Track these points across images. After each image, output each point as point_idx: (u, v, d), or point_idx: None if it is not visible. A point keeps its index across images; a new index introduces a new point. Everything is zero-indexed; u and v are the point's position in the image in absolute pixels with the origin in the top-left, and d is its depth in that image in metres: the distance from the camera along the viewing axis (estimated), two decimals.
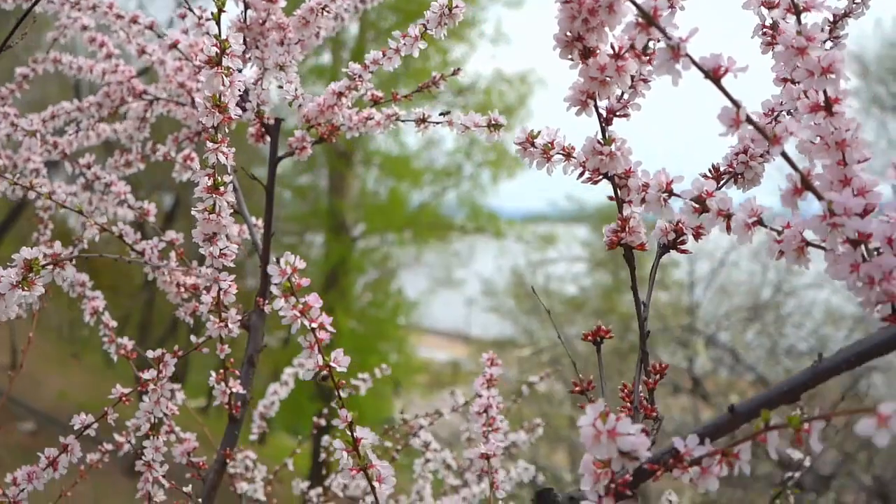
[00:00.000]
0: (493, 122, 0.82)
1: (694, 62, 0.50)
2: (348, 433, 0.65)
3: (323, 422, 1.52)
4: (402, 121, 0.96)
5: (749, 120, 0.50)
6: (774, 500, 1.06)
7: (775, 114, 0.70)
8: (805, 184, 0.51)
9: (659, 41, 0.53)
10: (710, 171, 0.69)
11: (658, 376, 0.64)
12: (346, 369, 0.63)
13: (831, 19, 0.72)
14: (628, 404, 0.64)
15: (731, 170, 0.68)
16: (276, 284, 0.61)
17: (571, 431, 6.94)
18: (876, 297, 0.51)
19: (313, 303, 0.62)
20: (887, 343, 0.49)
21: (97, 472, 1.16)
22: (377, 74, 0.95)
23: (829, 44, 0.72)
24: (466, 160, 11.97)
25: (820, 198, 0.51)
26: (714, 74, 0.51)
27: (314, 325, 0.62)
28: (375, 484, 0.65)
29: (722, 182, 0.69)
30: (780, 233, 0.55)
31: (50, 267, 0.67)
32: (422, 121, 0.95)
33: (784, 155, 0.51)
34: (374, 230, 11.72)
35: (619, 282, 9.81)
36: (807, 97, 0.56)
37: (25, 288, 0.67)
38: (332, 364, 0.63)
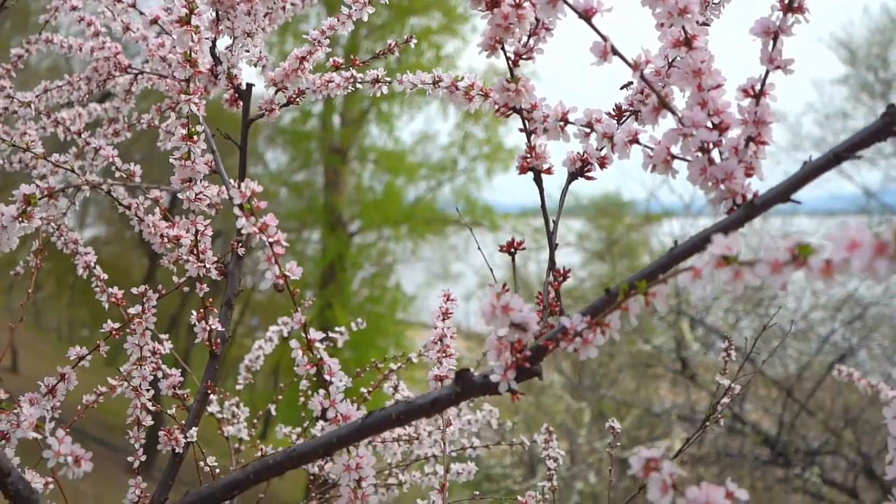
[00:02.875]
0: (436, 80, 0.93)
1: (568, 4, 0.61)
2: (303, 335, 0.76)
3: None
4: (359, 82, 1.08)
5: (614, 51, 0.61)
6: (706, 420, 1.17)
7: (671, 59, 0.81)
8: (662, 103, 0.62)
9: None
10: (613, 109, 0.80)
11: (562, 278, 0.75)
12: (299, 277, 0.74)
13: None
14: (540, 306, 0.75)
15: (630, 108, 0.79)
16: (237, 206, 0.72)
17: (566, 418, 7.07)
18: (720, 195, 0.62)
19: (270, 221, 0.73)
20: (727, 227, 0.60)
21: (100, 471, 1.26)
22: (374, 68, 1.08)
23: None
24: (461, 154, 12.08)
25: (674, 114, 0.62)
26: (586, 14, 0.62)
27: (271, 240, 0.73)
28: (327, 377, 0.76)
29: (624, 118, 0.79)
30: (652, 149, 0.67)
31: (45, 199, 0.79)
32: (376, 81, 1.06)
33: (644, 79, 0.62)
34: (371, 226, 11.83)
35: (614, 273, 9.92)
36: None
37: (24, 219, 0.78)
38: (287, 273, 0.74)
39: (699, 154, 0.62)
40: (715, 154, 0.64)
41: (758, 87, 0.63)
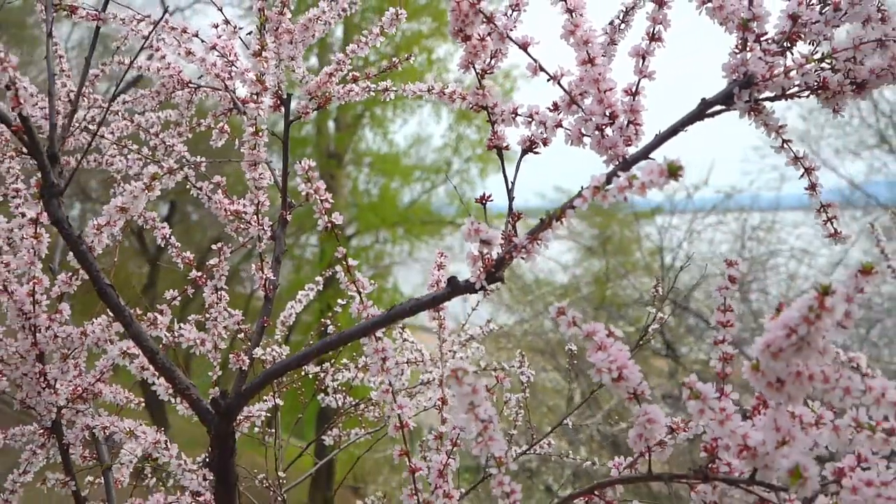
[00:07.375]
0: (430, 88, 1.29)
1: (511, 40, 0.98)
2: (344, 262, 1.13)
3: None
4: (373, 91, 1.45)
5: (541, 68, 0.98)
6: (639, 342, 1.53)
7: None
8: (571, 100, 0.99)
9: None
10: (552, 104, 1.16)
11: (518, 217, 1.12)
12: (342, 222, 1.11)
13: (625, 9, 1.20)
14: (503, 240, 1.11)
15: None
16: (299, 175, 1.09)
17: (560, 401, 7.44)
18: (609, 158, 0.99)
19: (321, 185, 1.10)
20: (607, 175, 0.96)
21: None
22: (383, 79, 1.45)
23: (622, 25, 1.20)
24: (455, 156, 12.46)
25: (579, 107, 0.99)
26: (523, 46, 0.98)
27: (322, 197, 1.10)
28: (361, 289, 1.12)
29: (558, 111, 1.16)
30: (569, 130, 1.03)
31: (167, 175, 1.15)
32: (386, 90, 1.43)
33: (560, 86, 0.99)
34: (367, 228, 12.18)
35: (609, 269, 10.27)
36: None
37: (149, 191, 1.15)
38: (333, 220, 1.11)
39: (597, 132, 0.99)
40: (609, 131, 1.00)
41: (634, 89, 1.00)
